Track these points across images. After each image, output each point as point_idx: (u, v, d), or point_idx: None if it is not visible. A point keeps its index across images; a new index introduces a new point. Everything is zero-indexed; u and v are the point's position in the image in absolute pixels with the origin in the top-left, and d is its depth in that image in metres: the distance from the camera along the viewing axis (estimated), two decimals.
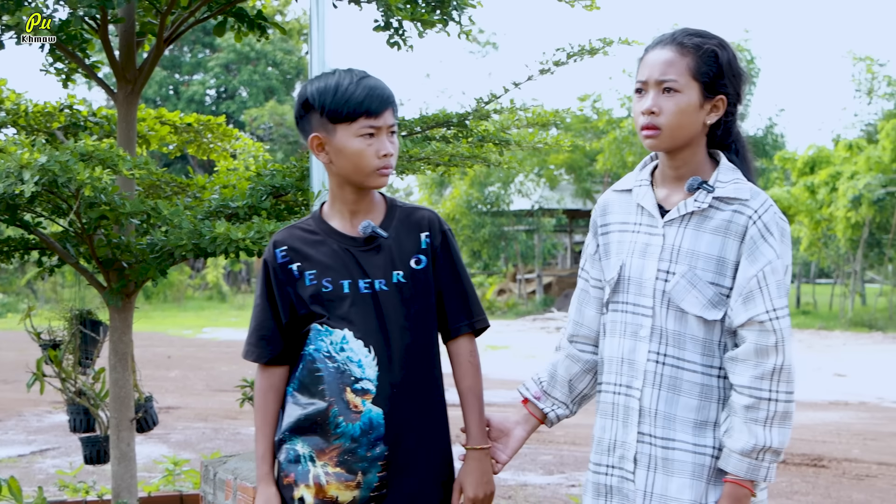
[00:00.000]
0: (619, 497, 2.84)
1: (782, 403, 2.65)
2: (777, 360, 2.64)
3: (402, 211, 2.96)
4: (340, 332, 2.82)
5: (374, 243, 2.88)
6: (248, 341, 2.95)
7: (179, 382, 15.05)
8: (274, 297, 2.89)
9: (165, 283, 33.29)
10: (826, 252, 33.00)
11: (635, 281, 2.83)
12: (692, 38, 2.80)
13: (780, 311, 2.66)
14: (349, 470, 2.81)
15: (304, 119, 2.87)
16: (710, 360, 2.74)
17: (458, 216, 35.63)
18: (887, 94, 30.78)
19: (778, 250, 2.69)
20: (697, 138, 2.80)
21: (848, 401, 13.97)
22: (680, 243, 2.76)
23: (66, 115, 6.02)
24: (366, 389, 2.80)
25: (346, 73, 2.83)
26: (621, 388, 2.84)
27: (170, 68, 47.38)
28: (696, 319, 2.73)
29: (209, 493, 4.88)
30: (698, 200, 2.75)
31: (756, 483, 2.70)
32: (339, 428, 2.80)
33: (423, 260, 2.91)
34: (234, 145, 6.79)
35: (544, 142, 6.00)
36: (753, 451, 2.65)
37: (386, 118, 2.82)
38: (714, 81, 2.77)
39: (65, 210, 5.00)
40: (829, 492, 8.11)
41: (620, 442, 2.83)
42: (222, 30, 5.51)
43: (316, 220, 2.94)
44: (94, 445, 5.83)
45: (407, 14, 5.15)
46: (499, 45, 64.25)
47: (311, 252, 2.88)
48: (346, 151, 2.80)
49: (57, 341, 5.97)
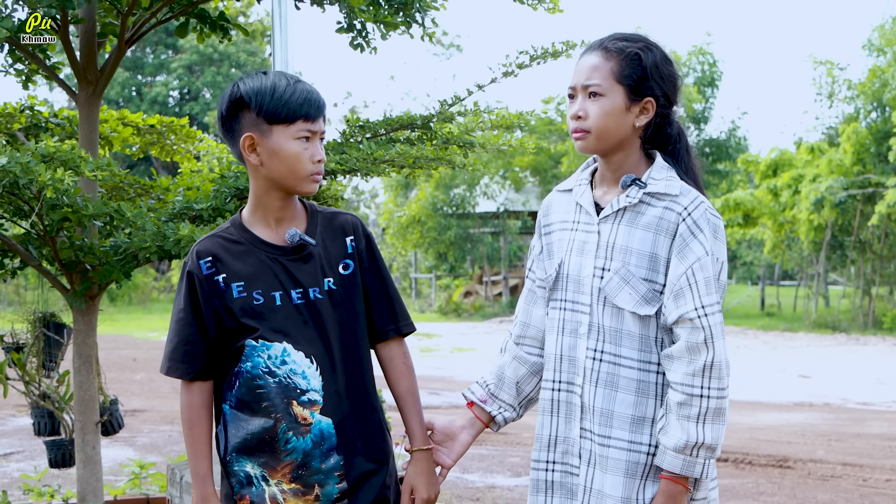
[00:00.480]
0: (561, 492, 2.86)
1: (714, 400, 2.66)
2: (707, 357, 2.66)
3: (324, 216, 2.92)
4: (279, 346, 2.76)
5: (304, 252, 2.83)
6: (172, 357, 2.83)
7: (145, 385, 14.97)
8: (200, 309, 2.79)
9: (130, 285, 33.10)
10: (789, 254, 33.24)
11: (573, 278, 2.86)
12: (617, 43, 2.83)
13: (708, 307, 2.67)
14: (305, 484, 2.77)
15: (235, 119, 2.79)
16: (648, 355, 2.76)
17: (423, 218, 35.62)
18: (847, 97, 31.00)
19: (707, 247, 2.70)
20: (629, 140, 2.83)
21: (812, 402, 14.08)
22: (614, 240, 2.79)
23: (27, 116, 5.99)
24: (313, 401, 2.76)
25: (281, 75, 2.79)
26: (562, 385, 2.86)
27: (132, 69, 47.10)
28: (632, 315, 2.75)
29: (175, 497, 4.87)
30: (630, 196, 2.78)
31: (691, 480, 2.71)
32: (290, 443, 2.76)
33: (350, 265, 2.88)
34: (197, 147, 6.77)
35: (509, 144, 6.02)
36: (686, 447, 2.66)
37: (320, 124, 2.80)
38: (639, 84, 2.79)
39: (27, 212, 4.97)
40: (794, 492, 8.16)
41: (563, 438, 2.86)
42: (184, 31, 5.49)
43: (237, 227, 2.86)
44: (59, 449, 5.79)
45: (370, 16, 5.15)
46: (463, 48, 64.31)
47: (236, 263, 2.80)
48: (281, 154, 2.75)
49: (20, 344, 5.94)
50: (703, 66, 36.54)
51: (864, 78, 29.99)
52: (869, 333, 27.34)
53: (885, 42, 29.83)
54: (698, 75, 36.52)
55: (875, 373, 17.91)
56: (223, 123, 2.82)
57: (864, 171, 28.73)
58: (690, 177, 2.85)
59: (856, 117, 30.47)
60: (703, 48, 36.59)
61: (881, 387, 15.89)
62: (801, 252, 32.84)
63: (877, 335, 26.93)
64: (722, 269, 2.73)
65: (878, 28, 30.50)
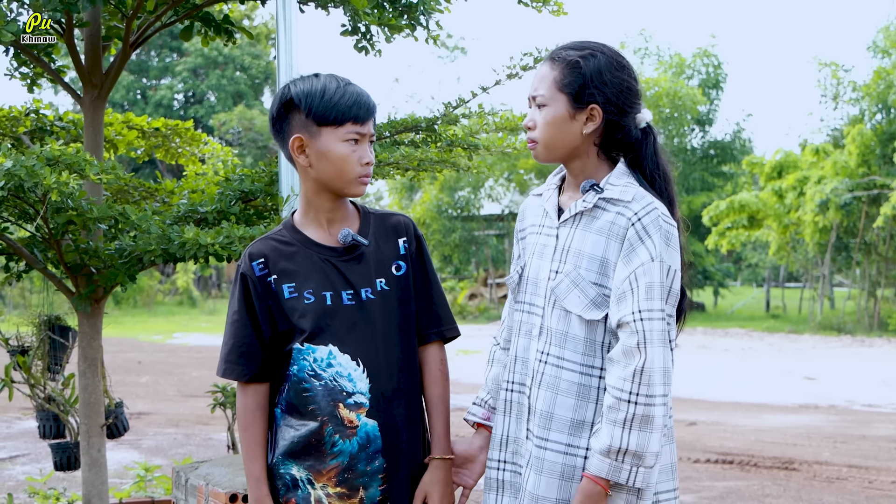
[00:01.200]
0: (510, 491, 2.86)
1: (641, 406, 2.60)
2: (638, 362, 2.60)
3: (377, 217, 2.93)
4: (325, 349, 2.77)
5: (356, 252, 2.84)
6: (227, 359, 2.83)
7: (150, 388, 14.98)
8: (255, 311, 2.80)
9: (135, 288, 33.14)
10: (794, 256, 33.21)
11: (532, 281, 2.86)
12: (563, 52, 2.82)
13: (646, 312, 2.62)
14: (350, 487, 2.78)
15: (285, 120, 2.81)
16: (591, 359, 2.72)
17: (428, 221, 35.63)
18: (852, 99, 30.99)
19: (654, 253, 2.65)
20: (581, 148, 2.82)
21: (818, 404, 14.06)
22: (570, 244, 2.78)
23: (32, 119, 5.99)
24: (359, 403, 2.77)
25: (332, 78, 2.80)
26: (515, 386, 2.86)
27: (137, 73, 47.15)
28: (578, 319, 2.72)
29: (181, 499, 4.87)
30: (586, 201, 2.77)
31: (613, 484, 2.64)
32: (336, 447, 2.76)
33: (402, 266, 2.89)
34: (202, 150, 6.77)
35: (513, 146, 6.02)
36: (610, 451, 2.61)
37: (369, 126, 2.80)
38: (580, 91, 2.77)
39: (32, 215, 4.97)
40: (800, 494, 8.16)
41: (513, 438, 2.85)
42: (189, 34, 5.49)
43: (290, 230, 2.87)
44: (65, 452, 5.80)
45: (374, 19, 5.15)
46: (467, 50, 64.37)
47: (288, 264, 2.81)
48: (330, 155, 2.76)
49: (25, 347, 5.94)
50: (708, 68, 36.55)
51: (869, 80, 30.00)
52: (874, 335, 27.32)
53: (890, 44, 29.82)
54: (703, 77, 36.54)
55: (880, 374, 17.89)
56: (273, 124, 2.85)
57: (869, 173, 28.71)
58: (655, 183, 2.82)
59: (861, 119, 30.46)
60: (707, 50, 36.59)
61: (887, 389, 15.87)
62: (806, 254, 32.81)
63: (882, 337, 26.91)
64: (673, 277, 2.69)
65: (883, 30, 30.50)
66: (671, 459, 2.80)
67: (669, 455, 2.79)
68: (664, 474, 2.77)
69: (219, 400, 6.08)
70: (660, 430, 2.62)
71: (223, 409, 6.11)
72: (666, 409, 2.66)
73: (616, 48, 2.86)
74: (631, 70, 2.83)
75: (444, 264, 39.02)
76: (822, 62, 31.16)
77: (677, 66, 36.45)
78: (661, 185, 2.83)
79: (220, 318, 31.32)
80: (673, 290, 2.69)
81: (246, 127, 42.11)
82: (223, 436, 9.44)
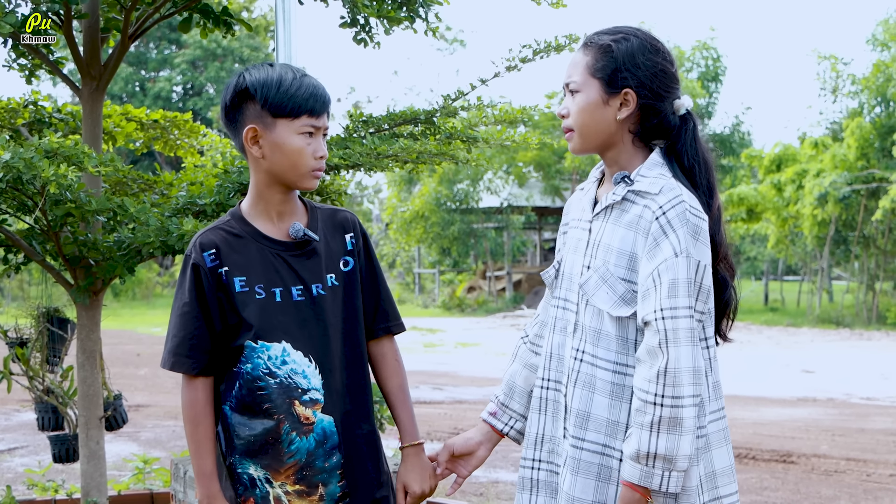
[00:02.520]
0: (546, 491, 2.81)
1: (667, 409, 2.51)
2: (661, 363, 2.52)
3: (323, 213, 2.89)
4: (279, 346, 2.73)
5: (307, 248, 2.80)
6: (176, 351, 2.75)
7: (149, 380, 14.99)
8: (206, 302, 2.73)
9: (134, 280, 33.12)
10: (793, 249, 33.24)
11: (567, 276, 2.81)
12: (596, 37, 2.77)
13: (668, 310, 2.54)
14: (309, 484, 2.76)
15: (239, 110, 2.76)
16: (624, 358, 2.65)
17: (427, 213, 35.63)
18: (851, 92, 30.98)
19: (679, 248, 2.56)
20: (616, 135, 2.76)
21: (816, 397, 14.07)
22: (600, 238, 2.72)
23: (31, 111, 5.98)
24: (315, 399, 2.74)
25: (287, 68, 2.76)
26: (551, 384, 2.81)
27: (136, 65, 47.12)
28: (609, 316, 2.66)
29: (179, 492, 4.87)
30: (616, 193, 2.71)
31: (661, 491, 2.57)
32: (294, 444, 2.74)
33: (350, 262, 2.86)
34: (201, 142, 6.76)
35: (512, 139, 6.01)
36: (639, 456, 2.54)
37: (324, 120, 2.76)
38: (613, 76, 2.71)
39: (30, 207, 4.97)
40: (798, 487, 8.16)
41: (550, 437, 2.80)
42: (188, 26, 5.48)
43: (238, 220, 2.82)
44: (63, 444, 5.80)
45: (373, 11, 5.15)
46: (466, 43, 64.33)
47: (239, 257, 2.76)
48: (284, 148, 2.72)
49: (24, 339, 5.94)
50: (707, 60, 36.51)
51: (868, 73, 29.99)
52: (872, 328, 27.36)
53: (890, 37, 29.81)
54: (702, 70, 36.49)
55: (879, 368, 17.91)
56: (226, 114, 2.79)
57: (868, 166, 28.72)
58: (690, 173, 2.75)
59: (860, 112, 30.46)
60: (706, 43, 36.55)
61: (885, 382, 15.88)
62: (804, 247, 32.84)
63: (880, 330, 26.95)
64: (703, 272, 2.59)
65: (883, 23, 30.48)
66: (730, 461, 2.71)
67: (728, 457, 2.71)
68: (725, 477, 2.69)
69: None
70: (692, 432, 2.53)
71: None
72: (698, 410, 2.57)
73: (651, 32, 2.78)
74: (667, 54, 2.76)
75: (443, 257, 39.02)
76: (822, 55, 31.16)
77: (676, 58, 36.35)
78: (699, 175, 2.75)
79: None
80: (704, 285, 2.59)
81: None
82: None
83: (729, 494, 2.70)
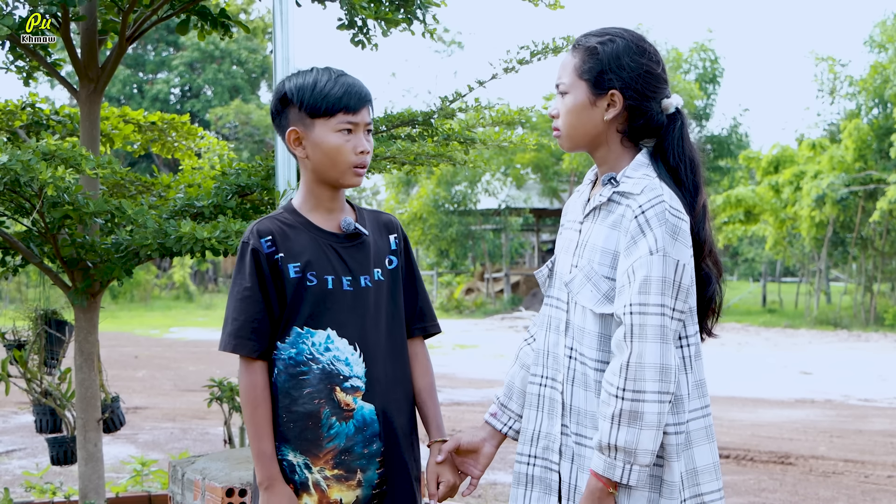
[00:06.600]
0: (540, 487, 2.83)
1: (628, 402, 2.54)
2: (625, 356, 2.55)
3: (369, 213, 2.99)
4: (324, 333, 2.79)
5: (357, 240, 2.88)
6: (238, 334, 2.78)
7: (147, 382, 14.98)
8: (266, 287, 2.79)
9: (132, 282, 33.13)
10: (791, 251, 33.26)
11: (559, 276, 2.85)
12: (584, 39, 2.81)
13: (636, 306, 2.56)
14: (348, 469, 2.80)
15: (282, 115, 2.87)
16: (606, 355, 2.68)
17: (425, 215, 35.65)
18: (849, 94, 31.03)
19: (654, 246, 2.59)
20: (603, 136, 2.79)
21: (814, 398, 14.08)
22: (588, 238, 2.76)
23: (28, 113, 5.98)
24: (356, 387, 2.79)
25: (325, 71, 2.85)
26: (546, 381, 2.84)
27: (133, 67, 47.13)
28: (592, 314, 2.70)
29: (177, 494, 4.87)
30: (602, 195, 2.75)
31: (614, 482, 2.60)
32: (333, 429, 2.78)
33: (394, 261, 2.95)
34: (198, 144, 6.77)
35: (510, 141, 6.02)
36: (601, 447, 2.58)
37: (363, 115, 2.83)
38: (599, 77, 2.75)
39: (28, 209, 4.97)
40: (796, 489, 8.17)
41: (545, 433, 2.83)
42: (185, 28, 5.48)
43: (291, 212, 2.90)
44: (61, 446, 5.80)
45: (371, 13, 5.15)
46: (464, 44, 64.37)
47: (293, 245, 2.83)
48: (323, 146, 2.80)
49: (22, 341, 5.94)
50: (705, 62, 36.55)
51: (865, 74, 30.02)
52: (870, 330, 27.37)
53: (887, 38, 29.83)
54: (700, 72, 36.54)
55: (876, 369, 17.92)
56: (273, 120, 2.92)
57: (866, 168, 28.75)
58: (675, 172, 2.77)
59: (857, 114, 30.49)
60: (704, 45, 36.59)
61: (882, 383, 15.89)
62: (802, 249, 32.86)
63: (878, 331, 26.96)
64: (682, 271, 2.60)
65: (880, 24, 30.51)
66: (713, 459, 2.73)
67: (711, 455, 2.72)
68: (707, 475, 2.70)
69: (215, 394, 6.08)
70: (654, 427, 2.55)
71: (220, 403, 6.11)
72: (665, 407, 2.58)
73: (639, 34, 2.82)
74: (654, 55, 2.79)
75: (441, 258, 39.03)
76: (819, 57, 31.22)
77: (674, 60, 36.45)
78: (685, 174, 2.77)
79: (217, 313, 31.32)
80: (683, 284, 2.61)
81: (242, 121, 42.09)
82: (219, 430, 9.45)
83: (711, 492, 2.71)
